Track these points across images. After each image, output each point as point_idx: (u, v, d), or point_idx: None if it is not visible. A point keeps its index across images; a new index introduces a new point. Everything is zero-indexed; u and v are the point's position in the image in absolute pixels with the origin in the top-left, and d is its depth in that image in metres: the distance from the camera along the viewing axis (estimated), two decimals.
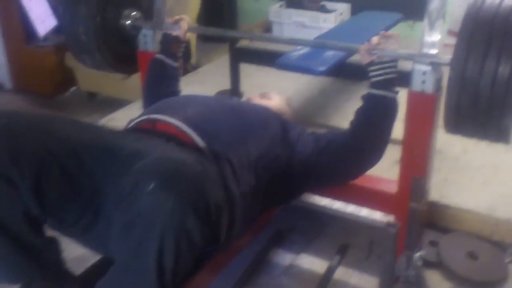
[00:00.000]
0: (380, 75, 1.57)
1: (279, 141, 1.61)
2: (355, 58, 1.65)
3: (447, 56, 1.44)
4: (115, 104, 3.22)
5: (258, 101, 1.86)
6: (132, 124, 1.58)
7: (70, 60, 3.40)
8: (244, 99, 1.90)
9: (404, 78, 1.58)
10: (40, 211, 1.27)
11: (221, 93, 3.03)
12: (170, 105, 1.61)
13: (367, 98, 1.61)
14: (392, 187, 1.73)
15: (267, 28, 4.27)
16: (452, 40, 1.39)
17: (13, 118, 1.32)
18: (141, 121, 1.55)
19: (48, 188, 1.26)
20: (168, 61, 1.92)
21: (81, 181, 1.30)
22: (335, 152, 1.63)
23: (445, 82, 1.42)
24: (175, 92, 1.94)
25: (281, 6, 4.15)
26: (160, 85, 1.92)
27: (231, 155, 1.43)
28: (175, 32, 1.92)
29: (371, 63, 1.59)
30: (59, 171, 1.27)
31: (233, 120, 1.58)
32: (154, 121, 1.51)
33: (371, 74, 1.59)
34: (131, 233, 1.15)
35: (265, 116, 1.68)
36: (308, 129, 1.75)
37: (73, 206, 1.30)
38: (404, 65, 1.60)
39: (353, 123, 1.63)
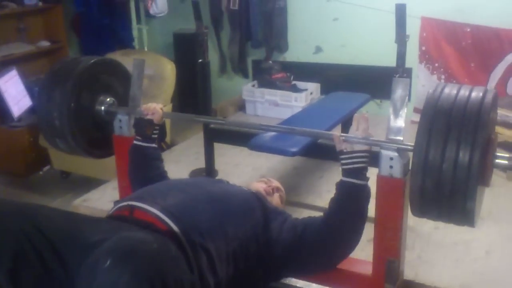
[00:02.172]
0: (350, 163, 1.61)
1: (261, 230, 1.62)
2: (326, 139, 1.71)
3: (411, 143, 1.50)
4: (89, 183, 3.20)
5: (256, 185, 1.93)
6: (112, 210, 1.58)
7: (44, 140, 3.40)
8: (247, 185, 1.96)
9: (374, 159, 1.63)
10: None
11: (195, 172, 3.06)
12: (150, 193, 1.62)
13: (338, 186, 1.64)
14: (367, 269, 1.73)
15: (241, 105, 4.40)
16: (418, 118, 1.47)
17: None
18: (120, 207, 1.56)
19: (24, 274, 1.25)
20: (145, 144, 1.95)
21: (55, 270, 1.29)
22: (312, 240, 1.64)
23: None
24: (160, 173, 1.96)
25: (253, 85, 4.29)
26: (144, 169, 1.94)
27: (209, 245, 1.44)
28: (149, 116, 1.96)
29: (342, 152, 1.62)
30: (35, 257, 1.27)
31: (214, 209, 1.58)
32: (133, 208, 1.51)
33: (342, 162, 1.63)
34: None
35: (248, 203, 1.69)
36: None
37: None
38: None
39: (327, 212, 1.66)
